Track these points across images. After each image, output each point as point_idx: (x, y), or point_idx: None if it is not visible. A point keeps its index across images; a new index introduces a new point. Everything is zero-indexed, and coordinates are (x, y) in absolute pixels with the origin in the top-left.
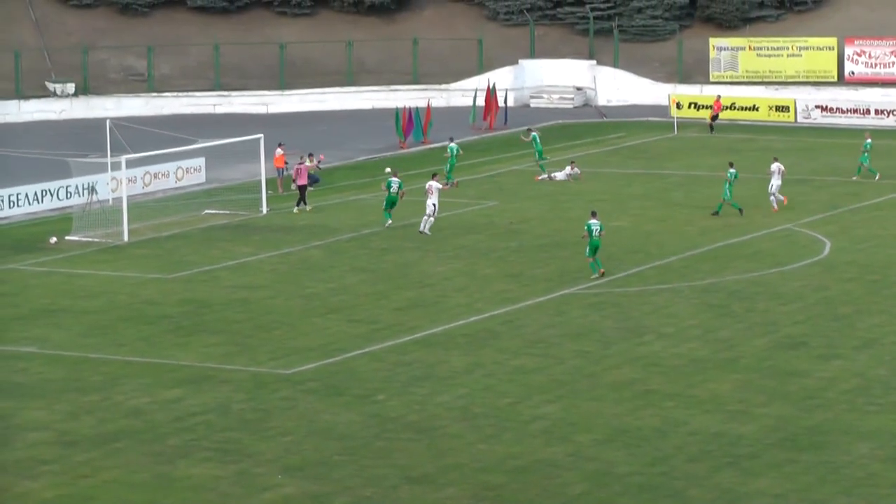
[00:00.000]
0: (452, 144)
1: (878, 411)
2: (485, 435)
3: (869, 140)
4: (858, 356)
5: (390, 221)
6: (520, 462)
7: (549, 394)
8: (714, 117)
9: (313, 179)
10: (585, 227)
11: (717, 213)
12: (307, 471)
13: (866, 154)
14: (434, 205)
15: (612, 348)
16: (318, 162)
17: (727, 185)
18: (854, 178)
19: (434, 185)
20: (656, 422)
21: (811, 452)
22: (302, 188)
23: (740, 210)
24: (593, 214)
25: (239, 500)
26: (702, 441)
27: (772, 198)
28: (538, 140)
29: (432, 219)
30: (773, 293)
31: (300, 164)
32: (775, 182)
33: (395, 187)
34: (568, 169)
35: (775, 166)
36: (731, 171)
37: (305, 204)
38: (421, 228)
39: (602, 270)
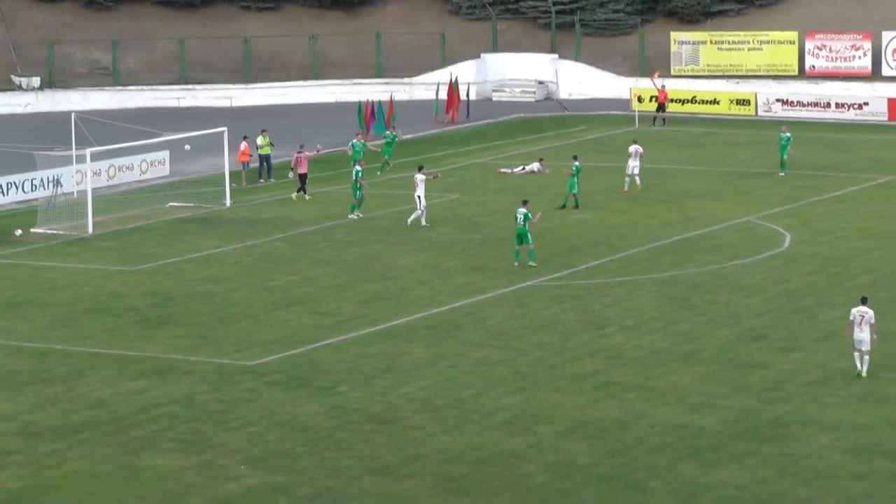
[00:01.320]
0: (355, 141)
1: (839, 403)
2: (447, 426)
3: (787, 134)
4: (819, 348)
5: (357, 215)
6: (482, 453)
7: (511, 385)
8: (660, 108)
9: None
10: (514, 215)
11: (563, 207)
12: (270, 462)
13: (785, 147)
14: (419, 196)
15: (573, 340)
16: (317, 151)
17: (572, 179)
18: (781, 174)
19: (419, 177)
20: (617, 413)
21: (772, 444)
22: (302, 176)
23: (575, 205)
24: (523, 203)
25: (202, 490)
26: (663, 432)
27: (626, 179)
28: (393, 141)
29: (418, 212)
30: (735, 285)
31: (300, 152)
32: (632, 163)
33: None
34: (536, 165)
35: (633, 148)
36: (576, 164)
37: (305, 192)
38: (423, 223)
39: (517, 264)
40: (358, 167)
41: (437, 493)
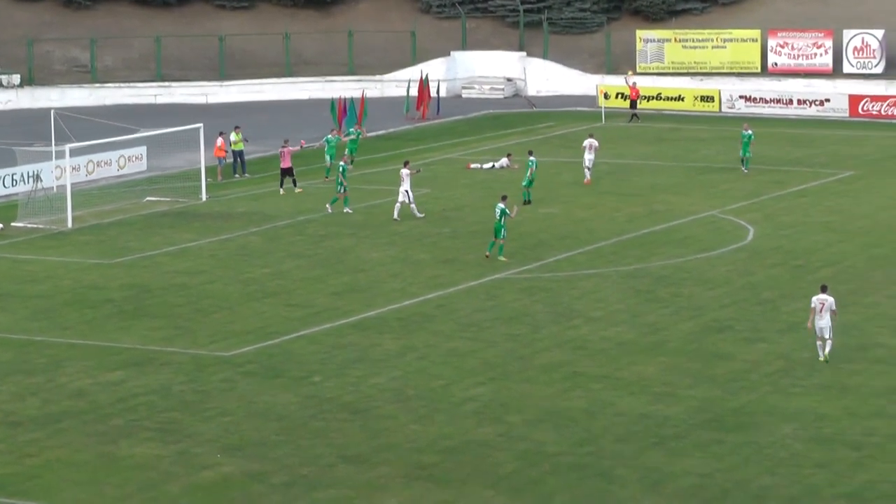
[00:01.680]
0: (330, 136)
1: (802, 393)
2: (418, 416)
3: (749, 131)
4: (782, 339)
5: (348, 210)
6: (452, 442)
7: (480, 376)
8: (632, 104)
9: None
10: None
11: (528, 202)
12: (246, 450)
13: (747, 144)
14: (406, 191)
15: (542, 332)
16: (301, 146)
17: (528, 174)
18: (744, 171)
19: (405, 171)
20: (585, 403)
21: (736, 433)
22: (285, 170)
23: (529, 201)
24: (502, 198)
25: (179, 478)
26: (629, 422)
27: (586, 171)
28: (357, 138)
29: (413, 204)
30: (699, 278)
31: (284, 147)
32: (588, 156)
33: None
34: (505, 161)
35: (588, 142)
36: (532, 159)
37: (281, 186)
38: (395, 216)
39: (487, 255)
40: (342, 163)
41: (409, 480)
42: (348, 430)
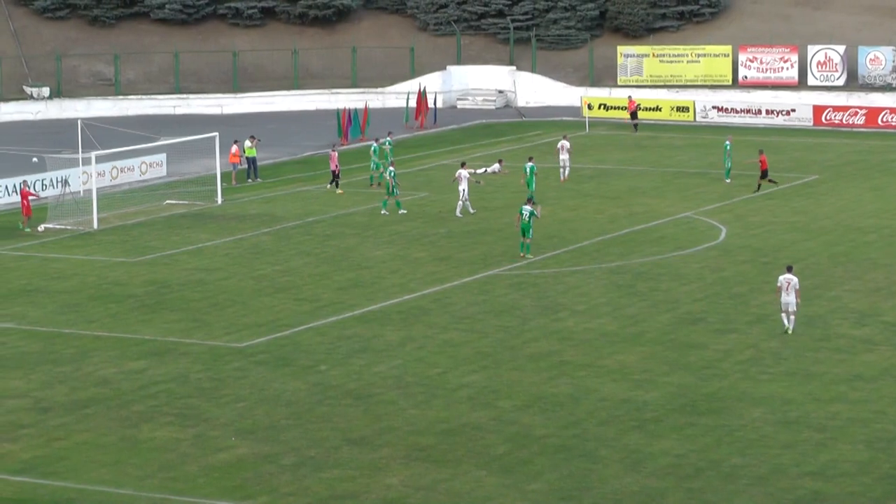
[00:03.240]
0: (375, 144)
1: (770, 380)
2: (416, 401)
3: (728, 143)
4: (751, 330)
5: (391, 211)
6: (448, 425)
7: (474, 364)
8: (632, 115)
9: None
10: (518, 211)
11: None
12: (258, 434)
13: (728, 156)
14: (464, 190)
15: (530, 323)
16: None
17: (532, 177)
18: (727, 181)
19: (463, 173)
20: (570, 389)
21: (709, 417)
22: (333, 172)
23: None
24: (528, 201)
25: (197, 460)
26: (611, 406)
27: (561, 170)
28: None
29: (468, 202)
30: (675, 274)
31: (333, 150)
32: (562, 157)
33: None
34: (496, 166)
35: (561, 143)
36: (530, 164)
37: (331, 185)
38: (457, 212)
39: (523, 255)
40: (391, 168)
41: (408, 461)
42: (352, 414)
